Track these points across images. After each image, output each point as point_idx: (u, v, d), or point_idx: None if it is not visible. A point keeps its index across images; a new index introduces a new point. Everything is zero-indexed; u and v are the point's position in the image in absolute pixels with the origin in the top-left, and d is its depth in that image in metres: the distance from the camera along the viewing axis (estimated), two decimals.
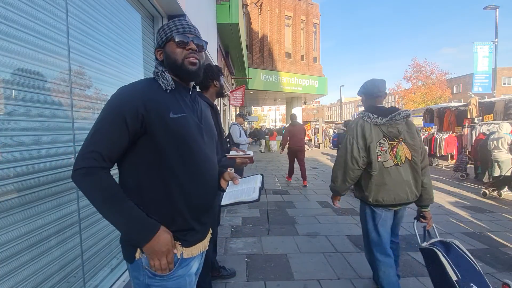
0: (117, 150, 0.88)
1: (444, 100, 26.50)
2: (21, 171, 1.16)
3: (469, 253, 1.70)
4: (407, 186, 1.88)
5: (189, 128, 0.95)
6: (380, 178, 1.87)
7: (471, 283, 1.51)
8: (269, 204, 5.05)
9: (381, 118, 1.89)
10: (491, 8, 13.00)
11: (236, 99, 8.96)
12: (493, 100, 9.85)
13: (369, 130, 1.89)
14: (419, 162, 1.91)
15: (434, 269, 1.70)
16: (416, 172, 1.90)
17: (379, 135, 1.89)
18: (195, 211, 0.97)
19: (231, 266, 2.67)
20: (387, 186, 1.87)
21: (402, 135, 1.90)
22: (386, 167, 1.87)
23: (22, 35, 1.17)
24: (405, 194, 1.88)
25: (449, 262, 1.60)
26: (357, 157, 1.88)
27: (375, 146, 1.87)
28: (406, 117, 1.91)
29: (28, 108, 1.20)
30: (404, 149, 1.89)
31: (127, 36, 2.20)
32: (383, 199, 1.88)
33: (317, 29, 18.14)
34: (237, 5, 6.52)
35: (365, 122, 1.93)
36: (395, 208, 1.96)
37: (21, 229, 1.15)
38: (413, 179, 1.90)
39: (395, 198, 1.87)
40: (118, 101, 0.90)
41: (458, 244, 1.73)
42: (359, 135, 1.91)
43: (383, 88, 2.04)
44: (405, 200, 1.90)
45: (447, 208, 4.74)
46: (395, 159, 1.88)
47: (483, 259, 2.88)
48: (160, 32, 1.02)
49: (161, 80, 0.96)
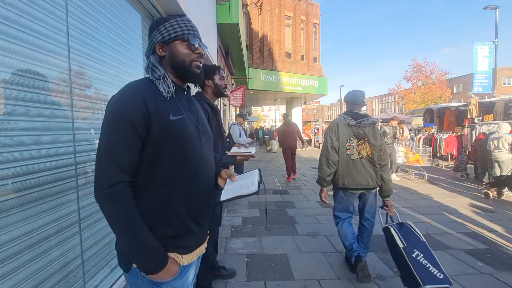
0: (135, 158, 0.86)
1: (444, 100, 26.51)
2: (21, 171, 1.16)
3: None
4: (367, 175, 2.41)
5: (188, 130, 0.94)
6: (347, 168, 2.43)
7: (415, 249, 2.03)
8: (269, 204, 5.05)
9: (353, 121, 2.44)
10: (491, 8, 12.99)
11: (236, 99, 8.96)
12: (493, 100, 9.85)
13: (343, 129, 2.46)
14: (376, 159, 2.43)
15: (390, 242, 2.21)
16: (375, 166, 2.43)
17: (350, 133, 2.45)
18: (194, 213, 0.97)
19: (231, 266, 2.67)
20: (351, 174, 2.42)
21: (367, 136, 2.43)
22: (352, 159, 2.42)
23: (22, 35, 1.17)
24: (365, 181, 2.41)
25: (398, 235, 2.14)
26: (336, 146, 2.45)
27: (345, 142, 2.43)
28: (372, 123, 2.45)
29: (28, 108, 1.20)
30: (367, 147, 2.43)
31: (127, 36, 2.20)
32: (348, 183, 2.43)
33: (317, 29, 18.14)
34: (237, 5, 6.52)
35: (341, 122, 2.50)
36: (357, 191, 2.49)
37: (21, 229, 1.15)
38: (373, 171, 2.43)
39: (356, 183, 2.41)
40: (122, 108, 0.85)
41: (410, 224, 2.24)
42: (335, 131, 2.48)
43: (361, 98, 2.58)
44: (365, 186, 2.42)
45: (447, 208, 4.74)
46: (359, 154, 2.43)
47: (483, 259, 2.88)
48: (166, 27, 0.96)
49: (162, 85, 0.92)
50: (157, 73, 0.94)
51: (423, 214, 4.40)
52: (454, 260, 2.88)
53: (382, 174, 2.44)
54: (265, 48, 15.47)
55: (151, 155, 0.88)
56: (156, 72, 0.94)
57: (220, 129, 2.20)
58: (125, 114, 0.84)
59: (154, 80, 0.94)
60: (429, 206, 4.86)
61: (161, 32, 0.96)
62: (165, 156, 0.90)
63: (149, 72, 0.96)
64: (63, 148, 1.44)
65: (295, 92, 16.64)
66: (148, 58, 0.99)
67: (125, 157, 0.84)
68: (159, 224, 0.90)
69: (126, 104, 0.85)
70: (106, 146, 0.84)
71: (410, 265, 1.97)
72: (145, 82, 0.94)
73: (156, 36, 0.97)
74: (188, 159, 0.94)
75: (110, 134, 0.84)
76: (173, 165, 0.91)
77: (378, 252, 3.03)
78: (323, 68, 18.30)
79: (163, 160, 0.90)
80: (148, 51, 1.00)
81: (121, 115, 0.84)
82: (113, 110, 0.86)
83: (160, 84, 0.92)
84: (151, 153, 0.88)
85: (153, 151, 0.88)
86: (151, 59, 0.97)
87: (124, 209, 0.83)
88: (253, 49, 14.94)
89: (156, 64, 0.96)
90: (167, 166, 0.90)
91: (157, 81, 0.93)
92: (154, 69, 0.95)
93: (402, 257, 2.05)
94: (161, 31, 0.96)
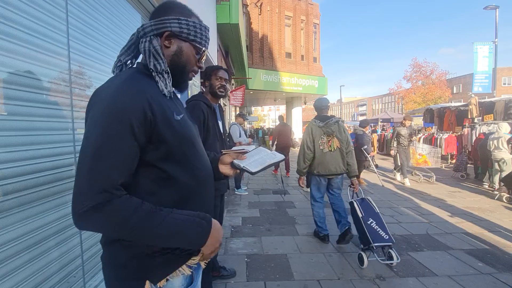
0: (129, 171, 0.71)
1: (444, 100, 26.50)
2: (21, 171, 1.16)
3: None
4: (336, 164, 3.17)
5: (190, 129, 0.89)
6: (321, 159, 3.18)
7: (370, 218, 2.80)
8: (269, 204, 5.05)
9: (321, 123, 3.23)
10: (491, 8, 12.99)
11: (236, 99, 8.95)
12: (493, 100, 9.83)
13: (315, 130, 3.23)
14: (345, 149, 3.20)
15: (353, 212, 2.96)
16: (343, 155, 3.20)
17: (321, 133, 3.21)
18: (203, 210, 0.91)
19: (231, 266, 2.66)
20: (324, 164, 3.17)
21: (334, 133, 3.18)
22: (324, 152, 3.17)
23: (22, 35, 1.16)
24: (335, 168, 3.17)
25: (359, 207, 2.89)
26: (310, 146, 3.20)
27: (318, 140, 3.19)
28: (336, 122, 3.23)
29: (28, 108, 1.20)
30: (335, 141, 3.18)
31: (127, 36, 2.19)
32: (321, 171, 3.20)
33: (317, 29, 18.13)
34: (237, 5, 6.52)
35: (314, 125, 3.27)
36: (328, 177, 3.26)
37: (21, 229, 1.15)
38: (341, 160, 3.19)
39: (328, 170, 3.18)
40: (121, 109, 0.69)
41: (370, 199, 3.00)
42: (309, 133, 3.24)
43: (325, 104, 3.37)
44: (334, 172, 3.19)
45: (447, 208, 4.74)
46: (330, 148, 3.16)
47: (483, 259, 2.88)
48: (189, 24, 0.84)
49: (163, 82, 0.81)
50: (160, 66, 0.81)
51: (423, 214, 4.40)
52: (455, 260, 2.88)
53: (348, 160, 3.21)
54: (265, 48, 15.46)
55: (161, 159, 0.78)
56: (159, 63, 0.81)
57: (219, 129, 2.19)
58: (122, 114, 0.69)
59: (154, 74, 0.81)
60: (429, 206, 4.85)
61: (181, 24, 0.83)
62: (176, 158, 0.80)
63: (150, 58, 0.81)
64: (63, 148, 1.43)
65: (295, 92, 16.64)
66: (148, 38, 0.82)
67: (121, 166, 0.69)
68: None
69: (125, 107, 0.69)
70: (91, 154, 0.66)
71: (365, 229, 2.73)
72: (142, 77, 0.80)
73: (172, 23, 0.82)
74: (195, 158, 0.88)
75: (99, 138, 0.67)
76: (183, 166, 0.83)
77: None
78: (323, 68, 18.30)
79: (174, 162, 0.80)
80: (152, 30, 0.83)
81: (119, 117, 0.68)
82: (110, 110, 0.69)
83: (161, 81, 0.81)
84: (161, 157, 0.78)
85: (163, 155, 0.78)
86: (154, 42, 0.82)
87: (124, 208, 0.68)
88: (253, 49, 14.94)
89: (160, 52, 0.82)
90: (177, 169, 0.81)
91: (157, 76, 0.81)
92: (157, 59, 0.81)
93: (360, 223, 2.79)
94: (181, 23, 0.83)
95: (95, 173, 0.66)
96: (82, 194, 0.65)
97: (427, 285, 2.43)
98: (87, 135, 0.69)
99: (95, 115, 0.70)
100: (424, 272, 2.65)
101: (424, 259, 2.90)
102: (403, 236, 3.51)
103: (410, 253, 3.03)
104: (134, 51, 0.89)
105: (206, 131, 2.03)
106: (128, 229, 0.68)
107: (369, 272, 2.64)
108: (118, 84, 0.73)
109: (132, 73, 0.79)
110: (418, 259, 2.89)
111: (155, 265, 0.78)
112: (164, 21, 0.82)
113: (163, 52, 0.84)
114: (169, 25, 0.82)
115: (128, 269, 0.77)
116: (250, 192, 5.98)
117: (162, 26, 0.82)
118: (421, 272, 2.64)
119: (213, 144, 2.05)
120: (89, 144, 0.67)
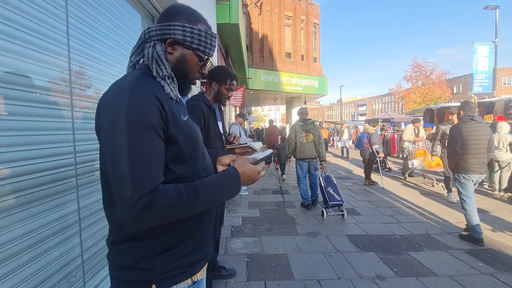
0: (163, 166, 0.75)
1: (444, 100, 26.48)
2: (21, 171, 1.16)
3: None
4: (311, 151, 4.63)
5: (196, 130, 0.88)
6: (301, 148, 4.65)
7: (329, 187, 4.35)
8: (269, 204, 5.05)
9: (302, 123, 4.76)
10: (491, 8, 12.98)
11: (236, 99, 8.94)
12: (493, 100, 9.83)
13: (298, 128, 4.73)
14: (317, 141, 4.63)
15: (320, 184, 4.46)
16: (316, 145, 4.63)
17: (301, 130, 4.70)
18: (209, 217, 0.92)
19: (231, 266, 2.67)
20: (303, 151, 4.65)
21: (310, 130, 4.67)
22: (303, 143, 4.64)
23: (22, 35, 1.16)
24: (311, 154, 4.64)
25: (323, 180, 4.42)
26: (293, 138, 4.71)
27: (299, 134, 4.67)
28: (312, 122, 4.77)
29: (28, 108, 1.20)
30: (310, 136, 4.65)
31: (127, 36, 2.20)
32: (301, 156, 4.69)
33: (317, 29, 18.12)
34: (237, 5, 6.51)
35: (297, 125, 4.77)
36: (307, 160, 4.71)
37: (21, 229, 1.15)
38: (314, 148, 4.64)
39: (305, 155, 4.65)
40: (137, 109, 0.70)
41: (331, 176, 4.59)
42: (294, 130, 4.73)
43: (305, 111, 4.89)
44: (310, 156, 4.65)
45: (448, 208, 4.74)
46: (307, 140, 4.64)
47: (483, 259, 2.88)
48: (194, 32, 0.83)
49: (168, 87, 0.82)
50: (163, 72, 0.81)
51: (423, 214, 4.40)
52: (455, 260, 2.88)
53: (319, 149, 4.63)
54: (265, 48, 15.45)
55: (171, 160, 0.78)
56: (162, 69, 0.81)
57: (219, 129, 2.19)
58: (143, 115, 0.70)
59: (158, 79, 0.81)
60: (429, 205, 4.85)
61: (185, 32, 0.82)
62: (184, 159, 0.81)
63: (153, 64, 0.81)
64: (63, 148, 1.43)
65: (295, 92, 16.62)
66: (152, 43, 0.82)
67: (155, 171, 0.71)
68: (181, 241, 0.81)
69: (143, 107, 0.71)
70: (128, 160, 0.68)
71: (325, 194, 4.26)
72: (148, 78, 0.79)
73: (176, 30, 0.81)
74: (201, 159, 0.88)
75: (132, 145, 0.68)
76: (190, 167, 0.83)
77: (378, 252, 3.03)
78: (323, 68, 18.29)
79: (183, 163, 0.80)
80: (156, 35, 0.82)
81: (142, 120, 0.69)
82: (131, 116, 0.69)
83: (166, 85, 0.81)
84: (171, 158, 0.78)
85: (173, 156, 0.78)
86: (158, 47, 0.82)
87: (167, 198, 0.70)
88: (253, 49, 14.92)
89: (163, 58, 0.82)
90: (185, 170, 0.81)
91: (162, 81, 0.81)
92: (159, 65, 0.81)
93: (323, 190, 4.32)
94: (185, 31, 0.82)
95: (135, 179, 0.67)
96: (127, 200, 0.67)
97: (427, 285, 2.43)
98: (114, 146, 0.69)
99: (117, 124, 0.69)
100: (424, 272, 2.65)
101: (424, 259, 2.90)
102: (403, 236, 3.51)
103: (410, 253, 3.03)
104: (144, 50, 0.89)
105: (207, 131, 2.03)
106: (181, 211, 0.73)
107: (369, 272, 2.64)
108: (128, 88, 0.73)
109: (138, 75, 0.79)
110: (418, 259, 2.89)
111: (163, 271, 0.77)
112: (169, 27, 0.82)
113: (167, 58, 0.84)
114: (173, 32, 0.82)
115: (135, 270, 0.77)
116: (250, 192, 5.99)
117: (166, 32, 0.82)
118: (421, 272, 2.64)
119: (214, 144, 2.05)
120: (122, 153, 0.68)
